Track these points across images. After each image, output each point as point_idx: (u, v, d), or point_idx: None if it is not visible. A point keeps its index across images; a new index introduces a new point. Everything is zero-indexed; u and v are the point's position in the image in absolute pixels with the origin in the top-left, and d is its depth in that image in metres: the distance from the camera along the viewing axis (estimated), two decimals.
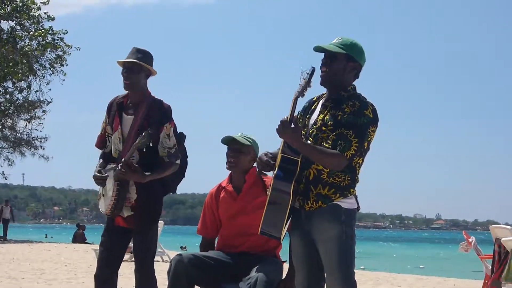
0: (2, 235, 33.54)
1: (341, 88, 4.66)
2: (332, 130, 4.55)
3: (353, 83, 4.71)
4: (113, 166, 5.62)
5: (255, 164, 5.79)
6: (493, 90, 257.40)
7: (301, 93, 4.47)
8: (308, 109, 4.82)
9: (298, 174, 4.56)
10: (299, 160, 4.55)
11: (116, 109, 5.71)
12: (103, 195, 5.69)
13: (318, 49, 4.66)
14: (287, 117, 4.47)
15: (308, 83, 4.45)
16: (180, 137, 5.70)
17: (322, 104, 4.71)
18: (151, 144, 5.43)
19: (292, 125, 4.48)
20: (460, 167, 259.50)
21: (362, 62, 4.71)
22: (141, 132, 5.48)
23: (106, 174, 5.63)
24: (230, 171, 5.87)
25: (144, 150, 5.46)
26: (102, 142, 5.82)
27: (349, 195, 4.61)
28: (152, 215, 5.66)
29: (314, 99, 4.84)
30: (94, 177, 5.67)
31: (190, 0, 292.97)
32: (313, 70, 4.47)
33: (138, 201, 5.62)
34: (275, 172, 4.59)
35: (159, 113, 5.64)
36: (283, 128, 4.47)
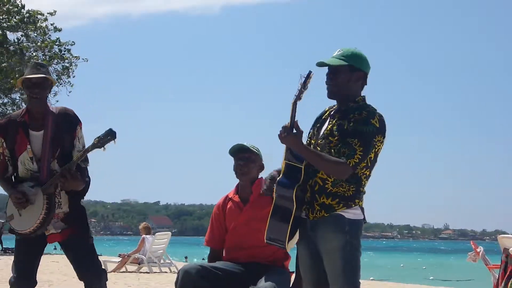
0: (11, 248, 33.42)
1: (350, 99, 4.66)
2: (338, 139, 4.55)
3: (362, 95, 4.70)
4: (31, 183, 5.51)
5: (261, 175, 5.83)
6: (501, 102, 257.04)
7: (297, 97, 4.49)
8: (319, 120, 4.82)
9: (304, 183, 4.57)
10: (303, 167, 4.56)
11: (19, 129, 5.56)
12: (20, 214, 5.56)
13: (321, 64, 4.67)
14: (288, 123, 4.49)
15: (303, 86, 4.47)
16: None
17: (331, 116, 4.72)
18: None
19: (294, 130, 4.50)
20: (468, 177, 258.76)
21: (367, 69, 4.70)
22: (55, 144, 5.50)
23: (29, 194, 5.49)
24: (237, 182, 5.90)
25: (57, 156, 5.49)
26: (4, 168, 5.63)
27: (353, 205, 4.58)
28: (87, 222, 5.73)
29: (326, 109, 4.84)
30: (16, 197, 5.50)
31: (196, 11, 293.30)
32: (309, 73, 4.49)
33: (72, 212, 5.59)
34: (278, 178, 4.60)
35: (68, 119, 5.61)
36: (285, 134, 4.48)
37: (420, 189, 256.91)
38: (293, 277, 5.67)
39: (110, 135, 5.36)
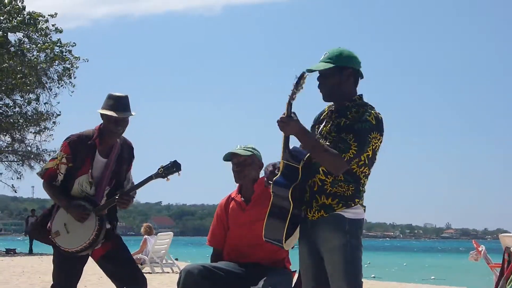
0: (13, 249, 33.38)
1: (345, 99, 4.65)
2: (335, 136, 4.55)
3: (359, 93, 4.69)
4: (82, 203, 5.57)
5: (262, 174, 5.82)
6: (502, 102, 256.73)
7: (291, 97, 4.47)
8: (317, 120, 4.83)
9: (302, 184, 4.57)
10: (300, 167, 4.55)
11: (89, 152, 5.62)
12: (67, 231, 5.61)
13: (309, 71, 4.64)
14: (285, 113, 4.46)
15: (296, 87, 4.45)
16: None
17: (328, 115, 4.72)
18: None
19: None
20: (469, 176, 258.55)
21: (356, 65, 4.66)
22: (114, 174, 5.66)
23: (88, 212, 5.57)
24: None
25: (112, 184, 5.70)
26: (52, 177, 5.67)
27: (353, 205, 4.56)
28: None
29: (325, 109, 4.83)
30: (84, 214, 5.55)
31: (197, 11, 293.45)
32: (302, 74, 4.47)
33: (113, 227, 5.75)
34: (275, 178, 4.59)
35: (128, 153, 5.80)
36: (286, 122, 4.45)
37: (422, 188, 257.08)
38: (295, 277, 5.66)
39: (175, 167, 5.53)
